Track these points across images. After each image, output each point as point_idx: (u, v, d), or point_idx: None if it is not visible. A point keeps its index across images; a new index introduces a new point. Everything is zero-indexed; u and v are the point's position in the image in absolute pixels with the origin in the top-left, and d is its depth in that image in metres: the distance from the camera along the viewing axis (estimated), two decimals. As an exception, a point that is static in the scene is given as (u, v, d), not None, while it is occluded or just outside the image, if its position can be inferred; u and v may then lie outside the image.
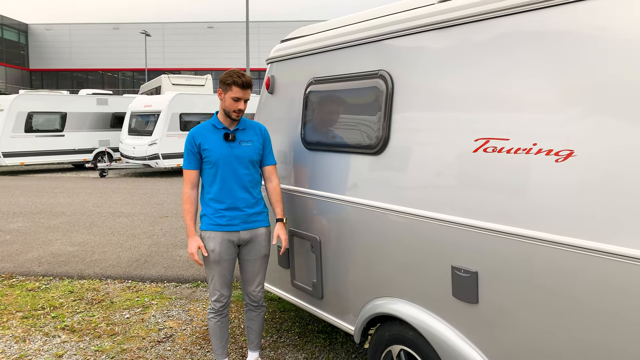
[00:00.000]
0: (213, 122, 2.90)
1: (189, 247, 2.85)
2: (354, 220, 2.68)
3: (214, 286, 2.94)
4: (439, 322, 2.23)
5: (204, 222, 2.90)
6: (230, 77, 2.79)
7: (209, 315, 3.02)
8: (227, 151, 2.84)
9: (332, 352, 3.48)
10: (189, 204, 2.87)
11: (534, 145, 1.84)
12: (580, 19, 1.73)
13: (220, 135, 2.86)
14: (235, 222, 2.88)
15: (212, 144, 2.83)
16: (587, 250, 1.68)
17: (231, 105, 2.82)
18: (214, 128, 2.89)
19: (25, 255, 6.15)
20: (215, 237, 2.86)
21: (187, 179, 2.88)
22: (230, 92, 2.80)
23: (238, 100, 2.82)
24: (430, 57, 2.28)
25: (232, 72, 2.83)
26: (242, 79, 2.79)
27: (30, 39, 47.43)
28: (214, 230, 2.86)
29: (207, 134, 2.86)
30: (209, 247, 2.87)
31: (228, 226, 2.87)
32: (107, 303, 4.51)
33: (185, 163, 2.88)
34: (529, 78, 1.88)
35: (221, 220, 2.86)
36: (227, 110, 2.84)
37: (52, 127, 16.55)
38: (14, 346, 3.64)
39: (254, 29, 39.99)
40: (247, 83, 2.81)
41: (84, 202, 10.31)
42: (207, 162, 2.85)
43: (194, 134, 2.86)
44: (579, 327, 1.73)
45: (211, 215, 2.87)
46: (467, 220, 2.06)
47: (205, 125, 2.90)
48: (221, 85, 2.84)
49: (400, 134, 2.41)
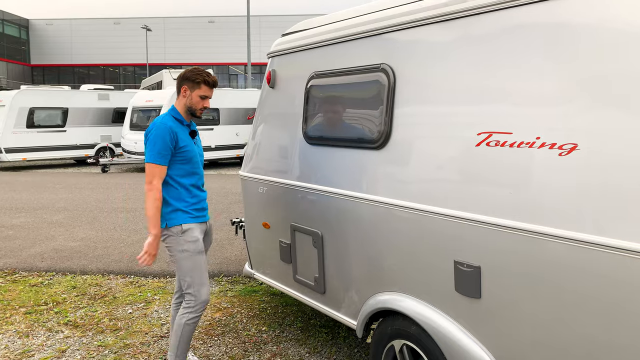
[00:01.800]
0: (177, 116, 2.86)
1: (154, 247, 2.73)
2: (356, 215, 2.67)
3: (200, 280, 2.83)
4: (442, 316, 2.22)
5: (180, 217, 2.82)
6: (200, 76, 2.82)
7: (191, 320, 2.83)
8: (195, 148, 2.91)
9: (334, 347, 3.49)
10: (160, 201, 2.76)
11: (537, 139, 1.83)
12: (584, 10, 1.72)
13: (187, 131, 2.89)
14: (203, 213, 2.96)
15: (185, 140, 2.83)
16: (591, 245, 1.67)
17: (198, 103, 2.85)
18: (180, 123, 2.86)
19: (27, 251, 6.16)
20: (195, 227, 2.87)
21: (159, 175, 2.75)
22: (199, 90, 2.83)
23: (205, 99, 2.86)
24: (432, 50, 2.26)
25: (200, 71, 2.85)
26: (211, 78, 2.86)
27: (31, 34, 47.36)
28: (193, 222, 2.86)
29: (178, 129, 2.81)
30: (194, 237, 2.83)
31: (201, 217, 2.93)
32: (110, 298, 4.52)
33: (160, 158, 2.74)
34: (531, 71, 1.86)
35: (197, 212, 2.90)
36: (193, 107, 2.86)
37: (54, 122, 16.57)
38: (17, 341, 3.65)
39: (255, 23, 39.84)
40: (215, 82, 2.88)
41: (86, 197, 10.32)
42: (183, 159, 2.82)
43: (172, 127, 2.77)
44: (582, 321, 1.72)
45: (186, 209, 2.84)
46: (470, 214, 2.05)
47: (172, 119, 2.83)
48: (187, 83, 2.83)
49: (403, 128, 2.40)
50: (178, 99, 2.89)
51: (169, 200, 2.83)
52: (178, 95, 2.89)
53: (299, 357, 3.35)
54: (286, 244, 3.27)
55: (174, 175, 2.83)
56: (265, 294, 4.52)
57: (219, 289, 4.71)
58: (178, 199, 2.83)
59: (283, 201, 3.27)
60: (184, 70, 2.89)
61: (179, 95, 2.88)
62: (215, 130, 15.78)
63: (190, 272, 2.82)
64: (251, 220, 3.69)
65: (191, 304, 2.84)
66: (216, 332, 3.77)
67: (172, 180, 2.83)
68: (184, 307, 2.86)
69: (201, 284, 2.84)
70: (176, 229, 2.81)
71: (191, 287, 2.83)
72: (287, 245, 3.26)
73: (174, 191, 2.83)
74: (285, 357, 3.35)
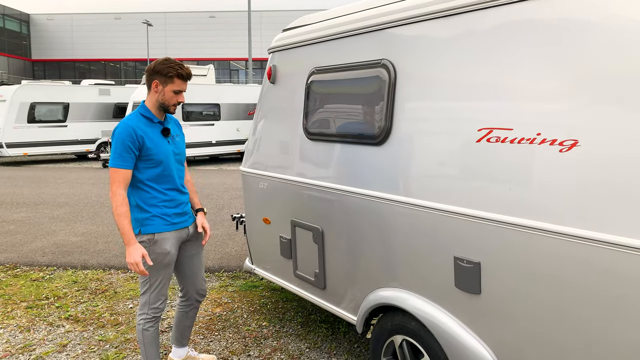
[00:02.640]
0: (146, 114, 2.64)
1: (132, 256, 2.50)
2: (356, 211, 2.67)
3: (159, 292, 2.69)
4: (442, 312, 2.23)
5: (155, 223, 2.63)
6: (173, 69, 2.57)
7: (146, 326, 2.69)
8: (168, 147, 2.67)
9: (334, 342, 3.49)
10: (125, 207, 2.52)
11: (538, 135, 1.82)
12: (586, 6, 1.71)
13: (158, 131, 2.66)
14: (185, 218, 2.77)
15: (154, 141, 2.61)
16: (591, 241, 1.67)
17: (171, 99, 2.62)
18: (150, 122, 2.64)
19: (29, 246, 6.17)
20: (169, 237, 2.67)
21: (122, 179, 2.53)
22: (172, 85, 2.60)
23: (179, 93, 2.63)
24: (433, 46, 2.26)
25: (172, 63, 2.60)
26: (184, 70, 2.60)
27: (32, 29, 47.29)
28: (168, 230, 2.67)
29: (146, 129, 2.60)
30: (164, 249, 2.64)
31: (181, 223, 2.74)
32: (111, 293, 4.53)
33: (120, 161, 2.52)
34: (533, 67, 1.86)
35: (175, 218, 2.70)
36: (166, 103, 2.63)
37: (55, 117, 16.57)
38: (18, 336, 3.67)
39: (256, 19, 39.75)
40: (189, 75, 2.63)
41: (87, 192, 10.33)
42: (149, 161, 2.59)
43: (134, 128, 2.55)
44: (581, 317, 1.72)
45: (163, 216, 2.65)
46: (470, 210, 2.05)
47: (139, 118, 2.62)
48: (157, 77, 2.59)
49: (403, 124, 2.40)
50: (149, 95, 2.66)
51: (143, 205, 2.63)
52: (149, 90, 2.66)
53: (299, 352, 3.36)
54: (287, 240, 3.28)
55: (144, 179, 2.62)
56: (265, 289, 4.52)
57: (219, 284, 4.72)
58: (152, 204, 2.64)
59: (283, 197, 3.28)
60: (154, 62, 2.63)
61: (150, 91, 2.65)
62: (215, 126, 15.78)
63: (149, 280, 2.67)
64: (252, 216, 3.69)
65: (144, 310, 2.71)
66: (216, 327, 3.78)
67: (144, 185, 2.63)
68: (138, 314, 2.74)
69: (159, 294, 2.70)
70: (148, 237, 2.62)
71: (145, 292, 2.70)
72: (288, 240, 3.27)
73: (147, 196, 2.63)
74: (286, 352, 3.36)
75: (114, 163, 2.54)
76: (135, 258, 2.51)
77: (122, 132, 2.54)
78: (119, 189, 2.53)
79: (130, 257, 2.51)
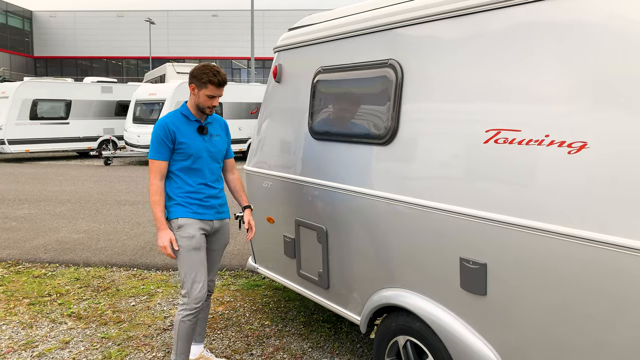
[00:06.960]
0: (184, 112, 2.82)
1: (161, 240, 2.72)
2: (361, 211, 2.67)
3: (194, 279, 2.77)
4: (447, 313, 2.22)
5: (178, 210, 2.80)
6: (206, 76, 2.71)
7: (186, 318, 2.77)
8: (202, 144, 2.81)
9: (337, 342, 3.49)
10: (159, 195, 2.75)
11: (546, 136, 1.82)
12: (596, 8, 1.71)
13: (193, 128, 2.81)
14: (210, 212, 2.88)
15: (188, 136, 2.77)
16: (599, 243, 1.67)
17: (205, 102, 2.77)
18: (187, 119, 2.81)
19: (31, 242, 6.18)
20: (192, 223, 2.80)
21: (157, 170, 2.76)
22: (205, 90, 2.74)
23: (213, 98, 2.76)
24: (441, 46, 2.25)
25: (207, 69, 2.73)
26: (218, 77, 2.72)
27: (34, 26, 47.31)
28: (191, 217, 2.80)
29: (181, 125, 2.78)
30: (189, 233, 2.77)
31: (204, 214, 2.85)
32: (113, 290, 4.53)
33: (156, 153, 2.75)
34: (541, 69, 1.85)
35: (198, 209, 2.82)
36: (201, 106, 2.79)
37: (57, 114, 16.58)
38: (21, 332, 3.67)
39: (258, 18, 39.74)
40: (222, 81, 2.75)
41: (88, 189, 10.33)
42: (182, 154, 2.77)
43: (168, 123, 2.75)
44: (587, 319, 1.72)
45: (187, 204, 2.80)
46: (477, 211, 2.05)
47: (177, 115, 2.81)
48: (194, 81, 2.75)
49: (410, 125, 2.39)
50: (189, 96, 2.84)
51: (170, 193, 2.83)
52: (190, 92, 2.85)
53: (301, 352, 3.36)
54: (290, 239, 3.28)
55: (174, 170, 2.81)
56: (268, 288, 4.52)
57: (222, 282, 4.72)
58: (178, 193, 2.82)
59: (288, 196, 3.27)
60: (194, 67, 2.81)
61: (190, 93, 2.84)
62: None
63: (183, 268, 2.78)
64: (255, 215, 3.69)
65: (185, 300, 2.79)
66: (219, 325, 3.78)
67: (173, 175, 2.82)
68: (179, 304, 2.84)
69: (193, 281, 2.77)
70: (174, 222, 2.80)
71: (183, 283, 2.79)
72: (292, 240, 3.27)
73: (174, 185, 2.82)
74: (288, 352, 3.36)
75: (151, 155, 2.77)
76: (164, 242, 2.73)
77: (157, 127, 2.75)
78: (155, 179, 2.77)
79: (159, 241, 2.73)
